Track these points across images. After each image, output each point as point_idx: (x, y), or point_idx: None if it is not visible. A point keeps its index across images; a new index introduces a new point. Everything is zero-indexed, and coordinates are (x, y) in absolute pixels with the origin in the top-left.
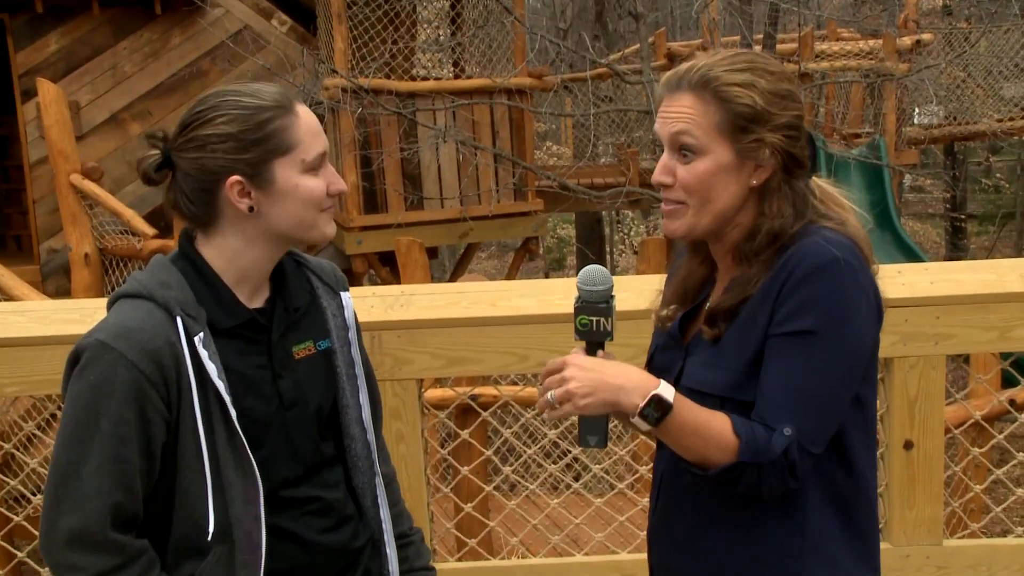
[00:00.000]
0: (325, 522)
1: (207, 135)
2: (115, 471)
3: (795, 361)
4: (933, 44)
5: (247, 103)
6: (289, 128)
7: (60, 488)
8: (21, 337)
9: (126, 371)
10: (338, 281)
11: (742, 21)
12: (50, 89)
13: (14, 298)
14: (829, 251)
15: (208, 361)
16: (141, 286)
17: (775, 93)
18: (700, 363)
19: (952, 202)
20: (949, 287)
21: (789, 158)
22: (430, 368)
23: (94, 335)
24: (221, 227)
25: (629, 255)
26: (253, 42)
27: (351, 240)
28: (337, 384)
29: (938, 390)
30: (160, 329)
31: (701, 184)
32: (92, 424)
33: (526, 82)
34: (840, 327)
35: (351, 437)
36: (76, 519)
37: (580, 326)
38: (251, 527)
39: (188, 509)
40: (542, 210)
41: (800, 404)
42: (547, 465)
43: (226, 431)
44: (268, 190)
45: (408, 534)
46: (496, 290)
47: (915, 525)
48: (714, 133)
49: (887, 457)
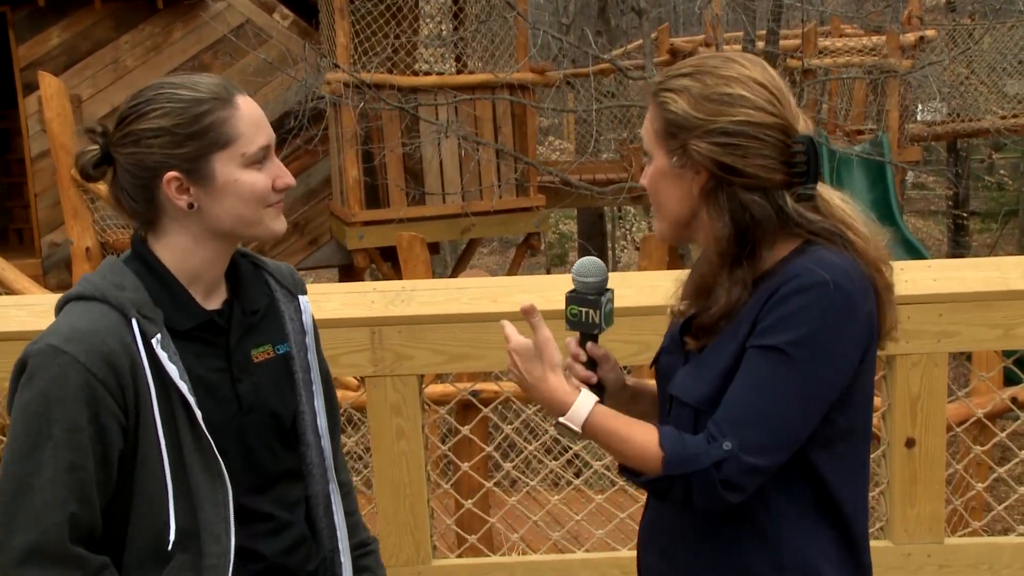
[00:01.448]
0: (280, 542)
1: (141, 130)
2: (70, 480)
3: (760, 376)
4: (936, 40)
5: (182, 95)
6: (228, 120)
7: (13, 504)
8: (21, 331)
9: (78, 375)
10: (296, 284)
11: (745, 17)
12: (52, 83)
13: (15, 292)
14: (819, 273)
15: (168, 363)
16: (93, 287)
17: (707, 98)
18: (687, 371)
19: (955, 199)
20: (952, 285)
21: (720, 167)
22: (431, 364)
23: (43, 340)
24: (166, 225)
25: (631, 251)
26: (255, 36)
27: (352, 235)
28: (295, 390)
29: (940, 388)
30: (114, 331)
31: (651, 188)
32: (43, 432)
33: (528, 77)
34: (814, 351)
35: (306, 444)
36: (31, 535)
37: (570, 316)
38: (220, 530)
39: (151, 517)
40: (544, 206)
41: (751, 419)
42: (548, 461)
43: (192, 434)
44: (207, 186)
45: (367, 543)
46: (497, 286)
47: (916, 523)
48: (655, 139)
49: (888, 455)
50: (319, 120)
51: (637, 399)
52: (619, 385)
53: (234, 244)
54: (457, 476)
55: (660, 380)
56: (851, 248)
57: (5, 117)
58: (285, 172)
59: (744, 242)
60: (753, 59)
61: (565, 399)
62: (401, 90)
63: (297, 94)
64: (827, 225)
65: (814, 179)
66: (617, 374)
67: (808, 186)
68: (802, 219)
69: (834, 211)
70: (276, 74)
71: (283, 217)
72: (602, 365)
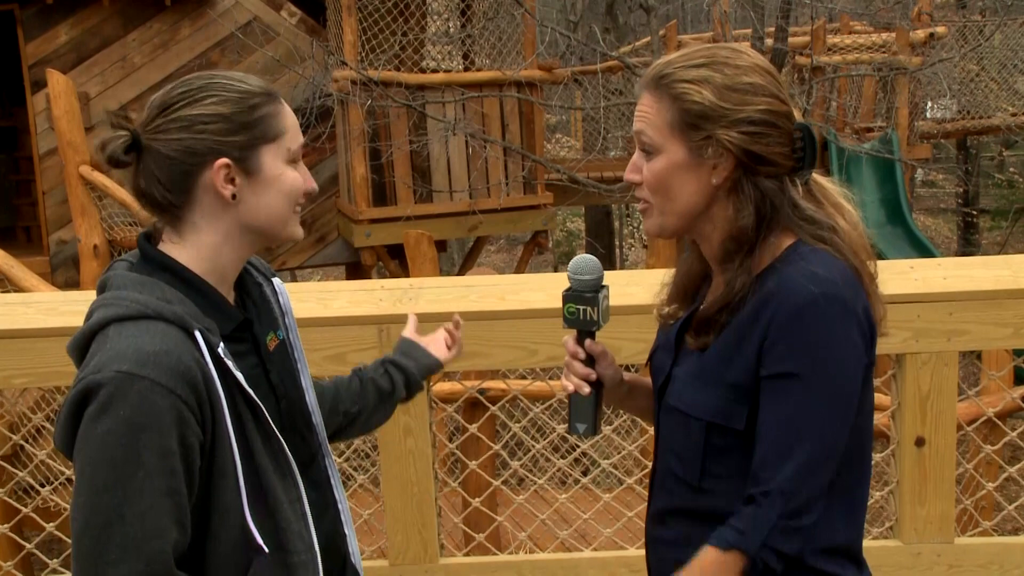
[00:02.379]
0: (325, 525)
1: (196, 115)
2: (169, 506)
3: (786, 403)
4: (947, 37)
5: (237, 86)
6: (277, 116)
7: (103, 536)
8: (29, 328)
9: (162, 398)
10: (267, 268)
11: (754, 14)
12: (60, 80)
13: (23, 289)
14: (809, 290)
15: (235, 370)
16: (142, 306)
17: (732, 88)
18: (685, 379)
19: (964, 197)
20: (962, 283)
21: (748, 156)
22: None
23: (108, 367)
24: (194, 220)
25: (639, 249)
26: (262, 33)
27: (360, 233)
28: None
29: (950, 387)
30: (184, 348)
31: (660, 183)
32: (132, 461)
33: (536, 75)
34: (826, 367)
35: (316, 423)
36: (134, 566)
37: (567, 314)
38: (300, 526)
39: (229, 525)
40: (551, 203)
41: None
42: (556, 460)
43: (260, 436)
44: (253, 178)
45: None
46: (505, 284)
47: (926, 522)
48: (667, 131)
49: (898, 454)
50: (326, 118)
51: (634, 394)
52: (616, 381)
53: (260, 245)
54: (465, 474)
55: (654, 377)
56: (839, 238)
57: (13, 115)
58: (311, 177)
59: (759, 231)
60: (750, 49)
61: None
62: (408, 87)
63: (304, 91)
64: (820, 216)
65: (811, 165)
66: (615, 370)
67: (806, 172)
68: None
69: (828, 195)
70: (283, 71)
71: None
72: (600, 362)
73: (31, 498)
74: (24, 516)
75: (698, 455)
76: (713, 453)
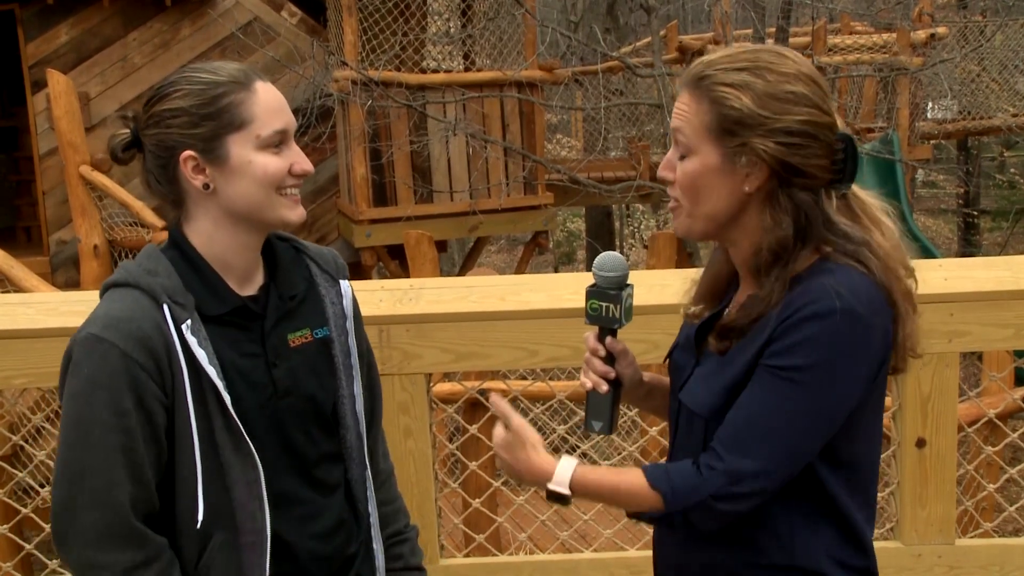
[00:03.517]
0: (316, 526)
1: (163, 110)
2: (124, 461)
3: (764, 395)
4: (948, 38)
5: (202, 78)
6: (243, 103)
7: (74, 487)
8: (29, 329)
9: (118, 360)
10: (338, 269)
11: (755, 14)
12: (60, 80)
13: (24, 289)
14: (832, 300)
15: (198, 348)
16: (128, 274)
17: (773, 96)
18: (698, 377)
19: (965, 198)
20: (963, 284)
21: (783, 167)
22: (439, 363)
23: (85, 329)
24: (191, 209)
25: (639, 249)
26: (263, 34)
27: (360, 233)
28: (335, 374)
29: (951, 388)
30: (148, 316)
31: (690, 184)
32: (93, 418)
33: (537, 75)
34: (821, 377)
35: (345, 427)
36: (97, 515)
37: (591, 311)
38: (254, 507)
39: (187, 497)
40: (552, 204)
41: (749, 442)
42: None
43: (222, 416)
44: (222, 167)
45: (403, 531)
46: (506, 284)
47: (927, 524)
48: (703, 133)
49: (899, 455)
50: (327, 118)
51: (653, 394)
52: (636, 381)
53: (257, 231)
54: (465, 475)
55: (672, 376)
56: (872, 254)
57: (13, 115)
58: (303, 158)
59: (795, 243)
60: (796, 53)
61: (547, 468)
62: (409, 88)
63: (305, 92)
64: (854, 231)
65: (851, 178)
66: (635, 370)
67: (844, 185)
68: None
69: (867, 209)
70: (284, 72)
71: (301, 208)
72: (620, 360)
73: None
74: (24, 516)
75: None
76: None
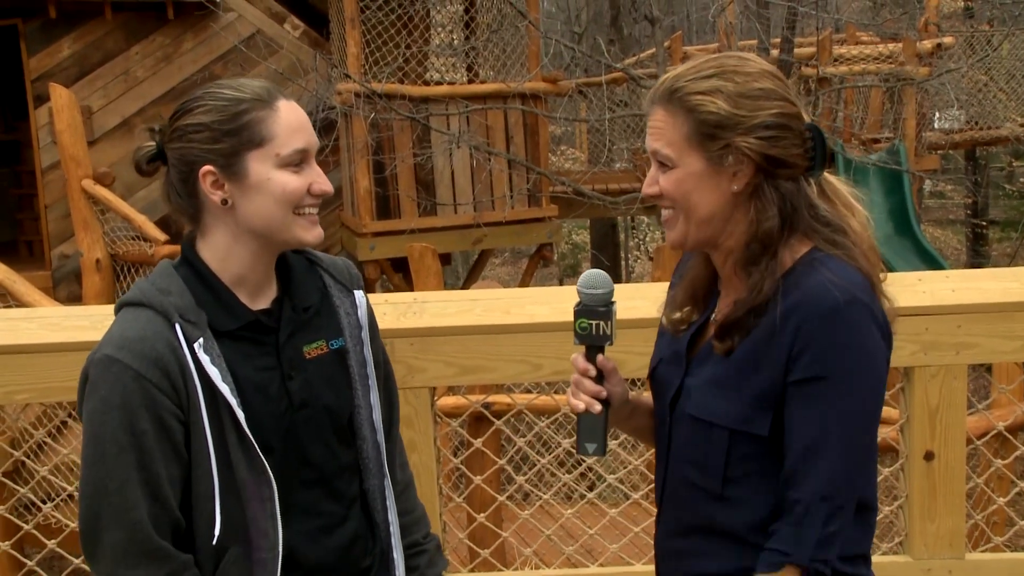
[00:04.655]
0: (334, 539)
1: (186, 124)
2: (140, 481)
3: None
4: (954, 47)
5: (225, 95)
6: (264, 121)
7: (95, 505)
8: (32, 344)
9: (133, 381)
10: (352, 279)
11: (759, 25)
12: (62, 94)
13: (26, 304)
14: (833, 296)
15: (210, 366)
16: (141, 294)
17: (744, 95)
18: (705, 387)
19: (973, 208)
20: (971, 295)
21: (767, 160)
22: (443, 376)
23: (100, 350)
24: (208, 223)
25: (644, 261)
26: (266, 47)
27: (363, 246)
28: (351, 384)
29: (960, 400)
30: (161, 336)
31: (680, 193)
32: (109, 438)
33: (540, 87)
34: (854, 372)
35: (362, 438)
36: (119, 533)
37: (580, 330)
38: (267, 525)
39: (205, 513)
40: (556, 216)
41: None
42: (561, 474)
43: (236, 434)
44: (240, 183)
45: (421, 543)
46: (510, 297)
47: (936, 538)
48: (684, 144)
49: (907, 468)
50: (330, 130)
51: (636, 413)
52: (623, 399)
53: (271, 248)
54: (469, 489)
55: (658, 390)
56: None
57: (16, 129)
58: (323, 178)
59: (781, 233)
60: (753, 54)
61: None
62: (412, 100)
63: (308, 104)
64: (834, 218)
65: (823, 164)
66: (623, 388)
67: (818, 171)
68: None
69: (840, 195)
70: (287, 84)
71: (319, 228)
72: (610, 379)
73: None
74: (25, 533)
75: (720, 463)
76: (736, 460)
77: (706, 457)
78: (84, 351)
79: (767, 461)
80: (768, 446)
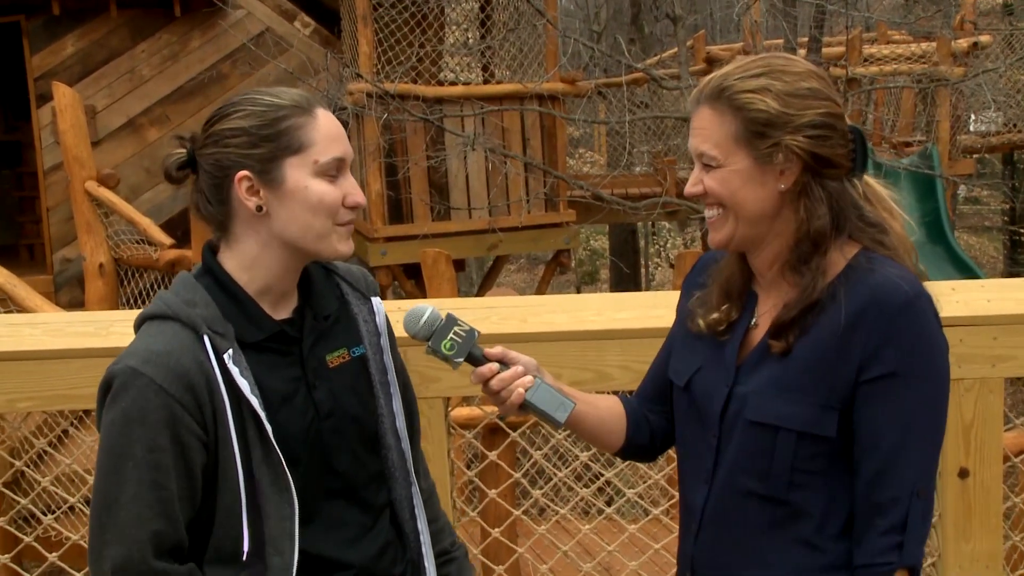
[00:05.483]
0: (364, 549)
1: (222, 130)
2: (152, 498)
3: (894, 408)
4: (991, 46)
5: (264, 100)
6: (303, 128)
7: (102, 517)
8: (34, 350)
9: (156, 396)
10: (368, 286)
11: (786, 23)
12: (66, 93)
13: (27, 309)
14: (904, 291)
15: (240, 377)
16: (166, 306)
17: (793, 94)
18: (765, 392)
19: (1011, 214)
20: (1008, 306)
21: (815, 159)
22: (457, 386)
23: (124, 361)
24: (236, 230)
25: (665, 268)
26: (275, 45)
27: (375, 251)
28: (373, 392)
29: (996, 415)
30: (188, 350)
31: (727, 193)
32: (125, 452)
33: (558, 87)
34: (929, 366)
35: (386, 447)
36: (119, 549)
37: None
38: (283, 544)
39: (228, 528)
40: (574, 221)
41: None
42: (578, 489)
43: (262, 448)
44: (277, 189)
45: (449, 550)
46: (527, 305)
47: (972, 559)
48: (731, 143)
49: (940, 486)
50: None
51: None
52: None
53: (301, 258)
54: (484, 503)
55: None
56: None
57: (17, 129)
58: (358, 190)
59: (831, 231)
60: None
61: None
62: (426, 101)
63: None
64: (878, 219)
65: (864, 166)
66: (527, 358)
67: (859, 172)
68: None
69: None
70: (297, 84)
71: (351, 241)
72: (510, 360)
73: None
74: (25, 546)
75: (786, 467)
76: (801, 464)
77: (770, 463)
78: (87, 358)
79: (831, 461)
80: (834, 447)
